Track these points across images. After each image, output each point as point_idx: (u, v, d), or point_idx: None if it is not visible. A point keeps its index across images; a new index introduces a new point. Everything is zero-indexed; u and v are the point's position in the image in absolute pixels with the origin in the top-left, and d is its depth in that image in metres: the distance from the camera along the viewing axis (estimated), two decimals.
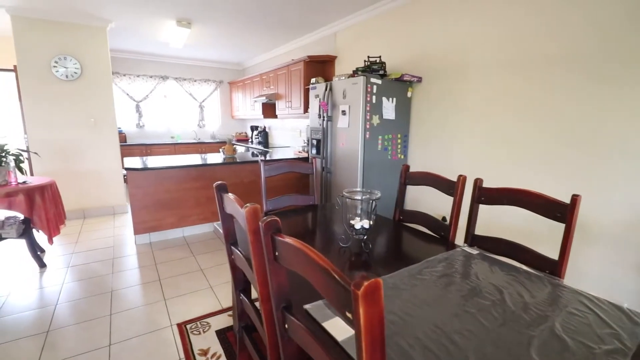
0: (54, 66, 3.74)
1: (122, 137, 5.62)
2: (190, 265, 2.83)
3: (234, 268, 1.28)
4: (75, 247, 3.19)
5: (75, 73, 3.86)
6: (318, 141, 3.43)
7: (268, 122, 6.18)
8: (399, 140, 3.07)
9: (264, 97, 4.95)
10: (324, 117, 3.19)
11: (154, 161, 3.41)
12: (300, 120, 5.00)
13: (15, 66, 3.60)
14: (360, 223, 1.33)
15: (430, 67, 2.89)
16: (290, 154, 4.46)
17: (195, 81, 6.51)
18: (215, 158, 3.81)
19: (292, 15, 3.73)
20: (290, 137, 5.38)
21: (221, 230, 1.46)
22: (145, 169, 2.98)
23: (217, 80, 6.78)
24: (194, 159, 3.67)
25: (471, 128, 2.61)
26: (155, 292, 2.38)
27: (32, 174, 3.81)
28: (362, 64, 3.16)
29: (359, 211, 1.38)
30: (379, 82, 2.81)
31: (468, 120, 2.63)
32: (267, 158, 4.05)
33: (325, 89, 3.14)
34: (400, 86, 2.97)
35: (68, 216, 4.01)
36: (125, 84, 5.80)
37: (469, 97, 2.60)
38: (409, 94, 3.04)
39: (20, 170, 2.70)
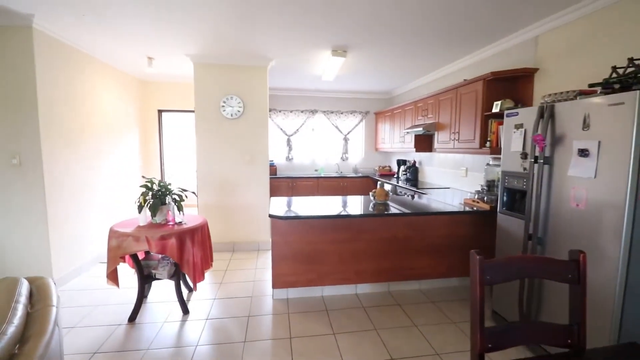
0: (222, 106, 3.97)
1: (273, 170, 5.80)
2: (329, 350, 2.15)
3: None
4: (219, 290, 3.04)
5: (239, 111, 4.02)
6: (517, 192, 2.30)
7: (418, 156, 5.28)
8: None
9: (420, 128, 4.12)
10: (535, 157, 2.07)
11: (297, 205, 3.01)
12: (468, 156, 3.90)
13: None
14: None
15: None
16: (455, 198, 3.41)
17: (341, 113, 6.30)
18: (361, 204, 3.16)
19: (471, 25, 2.83)
20: (451, 176, 4.30)
21: None
22: (286, 217, 2.56)
23: (364, 111, 6.40)
24: (338, 205, 3.11)
25: None
26: None
27: (198, 211, 4.08)
28: (594, 74, 1.93)
29: None
30: None
31: None
32: (422, 206, 3.13)
33: (541, 115, 2.04)
34: None
35: (220, 248, 4.11)
36: (280, 119, 6.07)
37: None
38: None
39: (180, 208, 2.68)
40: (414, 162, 5.26)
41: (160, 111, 5.15)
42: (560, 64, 2.67)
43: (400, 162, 5.62)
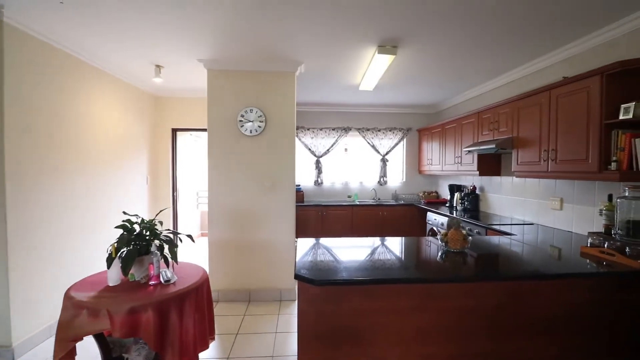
0: (240, 120, 3.26)
1: (300, 196, 5.00)
2: None
3: None
4: None
5: (259, 127, 3.28)
6: None
7: (478, 181, 4.26)
8: None
9: (492, 145, 3.16)
10: None
11: (333, 252, 2.12)
12: (563, 182, 2.87)
13: None
14: None
15: None
16: (543, 236, 2.37)
17: (379, 131, 5.45)
18: (425, 252, 2.23)
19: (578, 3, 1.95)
20: (535, 207, 3.25)
21: None
22: (321, 282, 1.67)
23: (405, 127, 5.52)
24: (388, 252, 2.20)
25: None
26: None
27: (209, 248, 3.30)
28: None
29: None
30: None
31: None
32: (510, 255, 2.13)
33: None
34: None
35: (232, 297, 3.28)
36: (308, 138, 5.32)
37: None
38: None
39: (174, 258, 1.88)
40: (474, 187, 4.24)
41: (174, 130, 4.56)
42: None
43: (455, 188, 4.61)
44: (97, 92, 3.20)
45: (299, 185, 5.18)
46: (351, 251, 2.19)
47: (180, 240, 2.02)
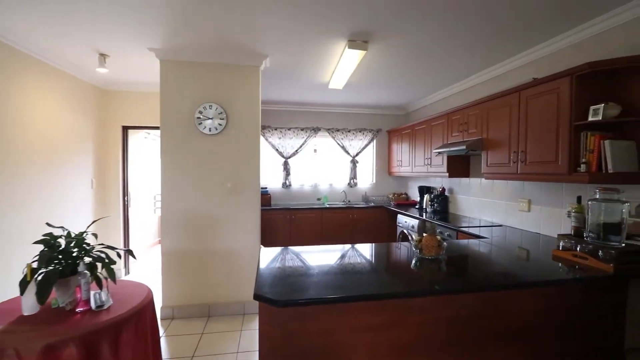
0: (198, 117, 2.96)
1: (267, 199, 4.74)
2: None
3: None
4: None
5: (220, 125, 3.00)
6: None
7: (447, 182, 4.26)
8: None
9: (463, 146, 3.11)
10: None
11: (300, 263, 1.92)
12: (531, 183, 2.88)
13: None
14: None
15: None
16: (511, 237, 2.33)
17: (349, 131, 5.33)
18: (397, 259, 2.09)
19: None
20: (503, 209, 3.25)
21: None
22: (286, 302, 1.45)
23: (374, 129, 5.44)
24: (359, 261, 2.03)
25: None
26: None
27: (162, 259, 2.95)
28: None
29: None
30: None
31: None
32: (485, 260, 2.05)
33: None
34: None
35: (189, 313, 2.96)
36: (275, 138, 5.07)
37: None
38: None
39: (111, 276, 1.58)
40: (443, 189, 4.22)
41: (125, 128, 4.12)
42: None
43: (424, 190, 4.58)
44: (28, 82, 2.75)
45: (266, 188, 4.92)
46: (319, 262, 1.99)
47: (119, 256, 1.71)
